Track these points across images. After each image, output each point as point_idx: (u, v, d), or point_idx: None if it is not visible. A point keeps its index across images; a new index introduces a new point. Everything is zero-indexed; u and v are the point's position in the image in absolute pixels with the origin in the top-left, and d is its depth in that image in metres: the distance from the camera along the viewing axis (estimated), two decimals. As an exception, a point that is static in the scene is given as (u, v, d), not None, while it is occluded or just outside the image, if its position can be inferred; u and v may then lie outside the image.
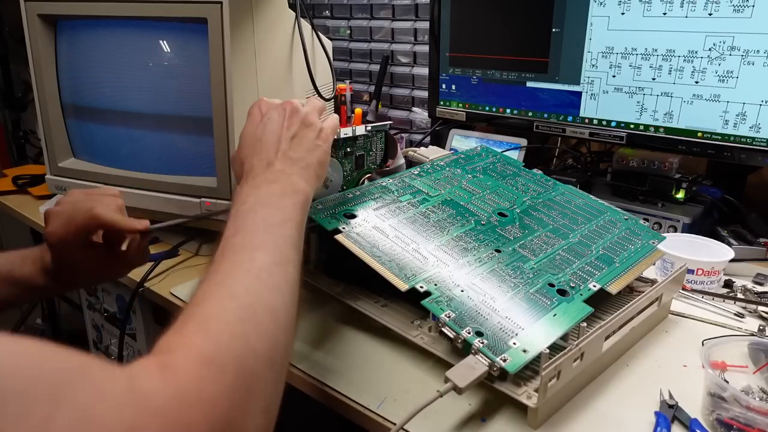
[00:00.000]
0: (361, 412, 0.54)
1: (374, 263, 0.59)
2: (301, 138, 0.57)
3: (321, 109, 0.62)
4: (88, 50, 0.90)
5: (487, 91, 1.10)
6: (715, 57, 0.83)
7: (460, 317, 0.53)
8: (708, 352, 0.55)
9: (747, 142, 0.84)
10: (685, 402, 0.53)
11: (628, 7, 0.89)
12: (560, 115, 1.02)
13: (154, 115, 0.88)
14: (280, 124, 0.56)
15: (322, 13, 1.55)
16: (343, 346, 0.63)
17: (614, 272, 0.63)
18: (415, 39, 1.39)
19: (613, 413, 0.53)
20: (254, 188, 0.52)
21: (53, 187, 0.98)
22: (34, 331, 2.03)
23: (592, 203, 0.76)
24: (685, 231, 0.89)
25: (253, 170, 0.54)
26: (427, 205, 0.70)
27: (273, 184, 0.52)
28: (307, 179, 0.55)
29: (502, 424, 0.51)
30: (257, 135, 0.56)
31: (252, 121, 0.58)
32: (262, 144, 0.56)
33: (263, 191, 0.51)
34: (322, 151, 0.58)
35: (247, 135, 0.58)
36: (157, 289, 0.79)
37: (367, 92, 1.49)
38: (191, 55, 0.83)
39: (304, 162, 0.56)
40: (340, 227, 0.64)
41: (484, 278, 0.59)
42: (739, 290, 0.76)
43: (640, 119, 0.93)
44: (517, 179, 0.79)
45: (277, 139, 0.56)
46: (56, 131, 0.94)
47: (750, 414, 0.48)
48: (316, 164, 0.57)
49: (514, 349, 0.51)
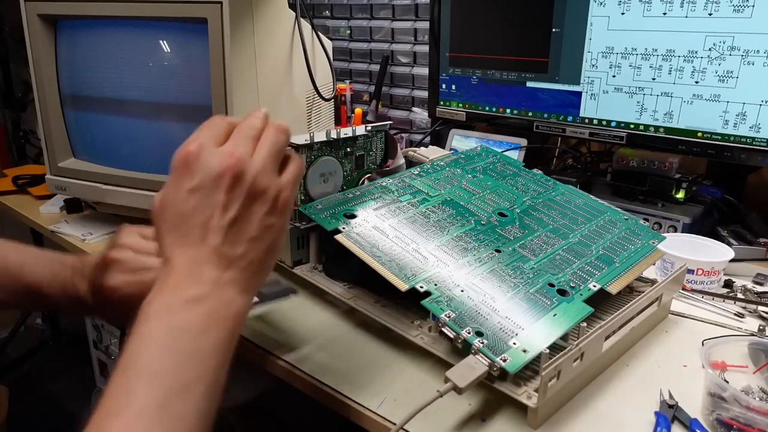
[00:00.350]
0: (361, 412, 0.54)
1: (374, 263, 0.59)
2: (245, 221, 0.41)
3: (279, 151, 0.44)
4: (88, 50, 0.90)
5: (487, 91, 1.10)
6: (715, 57, 0.83)
7: (460, 317, 0.53)
8: (708, 352, 0.55)
9: (747, 142, 0.84)
10: (685, 402, 0.53)
11: (628, 7, 0.89)
12: (560, 115, 1.02)
13: (154, 115, 0.88)
14: (215, 203, 0.41)
15: (322, 13, 1.55)
16: (343, 346, 0.63)
17: (614, 272, 0.63)
18: (415, 39, 1.39)
19: (613, 413, 0.53)
20: (167, 310, 0.38)
21: (53, 187, 0.98)
22: (34, 332, 2.03)
23: (592, 203, 0.76)
24: (685, 231, 0.89)
25: (172, 268, 0.40)
26: (427, 205, 0.70)
27: (195, 307, 0.39)
28: (249, 285, 0.42)
29: (502, 424, 0.51)
30: (183, 210, 0.41)
31: (178, 181, 0.41)
32: (187, 227, 0.41)
33: (180, 320, 0.38)
34: (277, 231, 0.43)
35: (168, 202, 0.42)
36: (157, 289, 0.79)
37: (367, 92, 1.49)
38: (191, 55, 0.83)
39: (247, 259, 0.42)
40: (340, 227, 0.64)
41: (484, 278, 0.59)
42: (739, 290, 0.76)
43: (640, 119, 0.93)
44: (517, 179, 0.79)
45: (209, 226, 0.40)
46: (56, 131, 0.94)
47: (750, 414, 0.48)
48: (264, 255, 0.43)
49: (514, 349, 0.51)
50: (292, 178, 0.45)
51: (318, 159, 0.72)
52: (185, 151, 0.42)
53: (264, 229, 0.42)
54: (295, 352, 0.62)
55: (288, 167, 0.45)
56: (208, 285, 0.39)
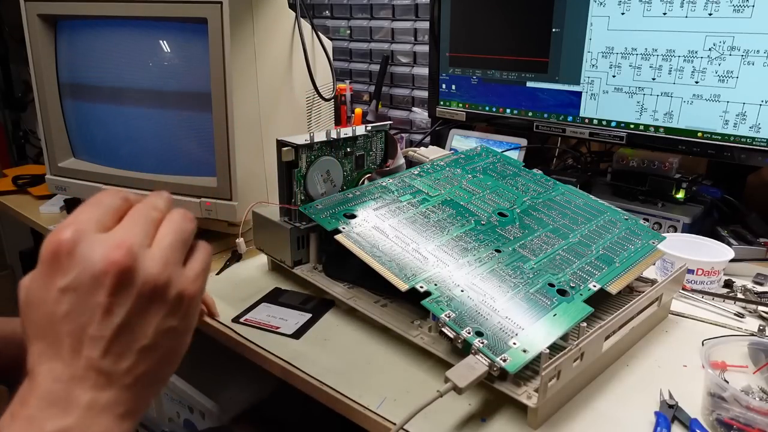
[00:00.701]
0: (361, 412, 0.54)
1: (374, 263, 0.59)
2: (135, 327, 0.33)
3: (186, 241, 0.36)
4: (88, 50, 0.90)
5: (487, 91, 1.10)
6: (715, 57, 0.83)
7: (460, 317, 0.53)
8: (708, 352, 0.55)
9: (747, 142, 0.84)
10: (685, 402, 0.53)
11: (628, 7, 0.89)
12: (560, 115, 1.02)
13: (154, 115, 0.88)
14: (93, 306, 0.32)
15: (322, 13, 1.55)
16: (343, 346, 0.63)
17: (614, 272, 0.63)
18: (415, 39, 1.39)
19: (613, 413, 0.53)
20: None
21: (53, 187, 0.98)
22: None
23: (592, 203, 0.76)
24: (685, 231, 0.89)
25: (34, 388, 0.31)
26: (427, 205, 0.70)
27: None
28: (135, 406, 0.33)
29: (502, 424, 0.51)
30: (53, 313, 0.32)
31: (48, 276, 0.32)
32: (58, 335, 0.32)
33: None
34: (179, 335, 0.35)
35: (35, 299, 0.32)
36: (157, 289, 0.79)
37: (367, 92, 1.49)
38: (191, 56, 0.83)
39: (134, 374, 0.33)
40: (340, 227, 0.64)
41: (484, 278, 0.59)
42: (739, 290, 0.76)
43: (640, 119, 0.93)
44: (517, 179, 0.79)
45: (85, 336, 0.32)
46: (56, 131, 0.94)
47: (750, 414, 0.48)
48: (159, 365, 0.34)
49: (514, 349, 0.51)
50: (200, 270, 0.36)
51: (318, 159, 0.72)
52: (56, 240, 0.32)
53: (161, 335, 0.33)
54: (296, 353, 0.62)
55: (194, 257, 0.36)
56: (76, 413, 0.31)
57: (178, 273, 0.34)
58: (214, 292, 0.75)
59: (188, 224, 0.36)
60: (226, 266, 0.82)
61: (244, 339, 0.65)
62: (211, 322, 0.69)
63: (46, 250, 0.32)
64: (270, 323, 0.67)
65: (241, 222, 0.79)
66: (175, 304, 0.34)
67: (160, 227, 0.35)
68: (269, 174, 0.89)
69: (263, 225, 0.76)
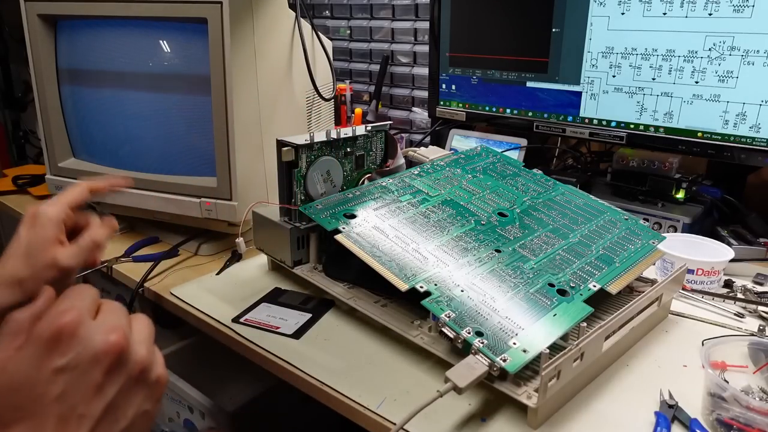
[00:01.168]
0: (361, 412, 0.54)
1: (374, 263, 0.59)
2: (120, 407, 0.34)
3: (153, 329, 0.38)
4: (88, 50, 0.90)
5: (487, 91, 1.10)
6: (715, 57, 0.83)
7: (460, 317, 0.53)
8: (708, 352, 0.55)
9: (747, 142, 0.84)
10: (685, 402, 0.53)
11: (628, 7, 0.89)
12: (560, 115, 1.02)
13: (154, 115, 0.88)
14: (87, 385, 0.32)
15: (322, 13, 1.55)
16: (343, 346, 0.63)
17: (614, 272, 0.63)
18: (415, 39, 1.39)
19: (613, 413, 0.53)
20: None
21: (53, 187, 0.98)
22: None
23: (592, 203, 0.76)
24: (685, 231, 0.89)
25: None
26: (427, 205, 0.70)
27: None
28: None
29: (502, 424, 0.51)
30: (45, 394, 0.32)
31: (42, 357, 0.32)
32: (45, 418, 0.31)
33: None
34: (149, 420, 0.37)
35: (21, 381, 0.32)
36: (157, 289, 0.79)
37: (367, 92, 1.49)
38: (191, 55, 0.83)
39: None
40: (340, 227, 0.64)
41: (484, 278, 0.59)
42: (739, 290, 0.76)
43: (640, 119, 0.93)
44: (517, 179, 0.79)
45: (74, 415, 0.32)
46: (56, 131, 0.94)
47: (750, 414, 0.48)
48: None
49: (514, 349, 0.51)
50: (162, 359, 0.38)
51: (318, 159, 0.72)
52: (59, 323, 0.33)
53: (138, 417, 0.35)
54: (296, 353, 0.62)
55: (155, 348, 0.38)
56: None
57: (157, 359, 0.37)
58: (215, 292, 0.75)
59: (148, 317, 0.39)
60: (226, 266, 0.82)
61: (244, 339, 0.65)
62: (212, 323, 0.69)
63: (44, 330, 0.33)
64: (270, 323, 0.67)
65: (241, 222, 0.79)
66: (153, 388, 0.36)
67: (135, 320, 0.38)
68: (269, 174, 0.89)
69: (263, 225, 0.76)
